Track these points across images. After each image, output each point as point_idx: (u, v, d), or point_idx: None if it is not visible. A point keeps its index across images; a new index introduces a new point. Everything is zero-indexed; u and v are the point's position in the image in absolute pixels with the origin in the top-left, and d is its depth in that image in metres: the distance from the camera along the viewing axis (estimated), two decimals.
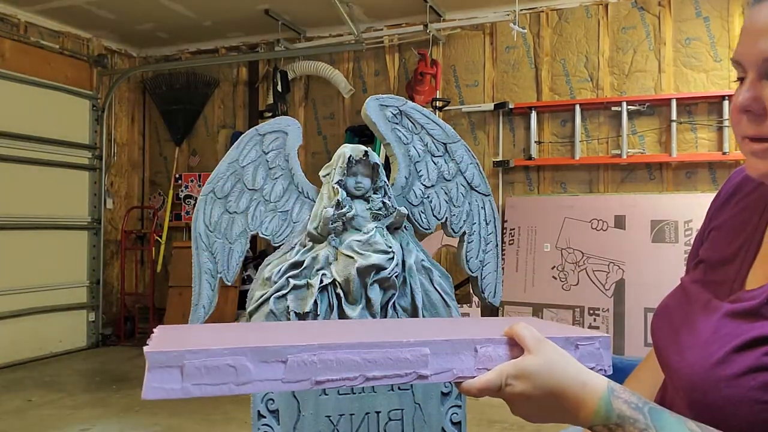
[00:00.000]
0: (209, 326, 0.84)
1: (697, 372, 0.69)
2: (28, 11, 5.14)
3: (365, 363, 0.70)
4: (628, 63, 4.65)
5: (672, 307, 0.82)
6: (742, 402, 0.64)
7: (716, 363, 0.67)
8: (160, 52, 6.24)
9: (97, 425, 3.34)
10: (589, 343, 0.78)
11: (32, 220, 5.04)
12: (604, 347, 0.80)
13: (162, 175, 6.31)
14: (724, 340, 0.69)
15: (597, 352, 0.79)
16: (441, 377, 0.72)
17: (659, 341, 0.81)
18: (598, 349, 0.79)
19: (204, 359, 0.64)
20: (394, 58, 5.36)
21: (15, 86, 4.93)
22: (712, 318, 0.73)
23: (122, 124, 6.15)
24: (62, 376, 4.46)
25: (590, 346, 0.79)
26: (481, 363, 0.73)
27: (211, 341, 0.69)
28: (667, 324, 0.80)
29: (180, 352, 0.64)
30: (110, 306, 5.89)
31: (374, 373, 0.70)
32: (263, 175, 1.48)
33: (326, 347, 0.69)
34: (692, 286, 0.82)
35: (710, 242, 0.86)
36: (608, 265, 4.32)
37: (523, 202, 4.67)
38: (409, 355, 0.71)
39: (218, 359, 0.65)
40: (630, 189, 4.60)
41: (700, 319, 0.74)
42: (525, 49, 4.93)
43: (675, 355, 0.74)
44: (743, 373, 0.65)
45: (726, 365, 0.66)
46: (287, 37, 5.53)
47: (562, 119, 4.82)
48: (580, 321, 4.30)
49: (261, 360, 0.66)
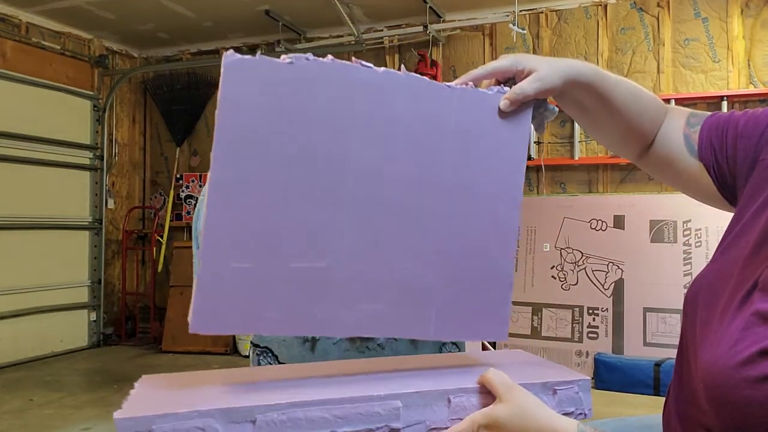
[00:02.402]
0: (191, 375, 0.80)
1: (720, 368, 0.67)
2: (29, 12, 5.15)
3: (335, 420, 0.69)
4: (627, 63, 4.67)
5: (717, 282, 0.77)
6: (763, 406, 0.63)
7: (741, 363, 0.66)
8: (161, 52, 6.25)
9: (98, 425, 3.35)
10: (568, 387, 0.78)
11: (34, 220, 5.06)
12: (583, 390, 0.79)
13: (163, 175, 6.33)
14: (751, 339, 0.67)
15: (576, 396, 0.79)
16: (413, 429, 0.72)
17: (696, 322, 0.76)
18: (577, 393, 0.79)
19: (173, 423, 0.63)
20: (394, 58, 5.37)
21: (16, 87, 4.95)
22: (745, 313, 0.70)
23: (123, 124, 6.17)
24: (63, 376, 4.47)
25: (569, 390, 0.79)
26: (454, 413, 0.72)
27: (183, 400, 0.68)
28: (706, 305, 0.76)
29: (148, 417, 0.63)
30: (111, 306, 5.90)
31: (345, 429, 0.69)
32: None
33: (295, 405, 0.68)
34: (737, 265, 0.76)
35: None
36: (607, 264, 4.33)
37: (523, 202, 4.67)
38: (380, 410, 0.70)
39: (187, 422, 0.64)
40: (629, 189, 4.62)
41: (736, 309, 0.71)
42: (525, 49, 4.94)
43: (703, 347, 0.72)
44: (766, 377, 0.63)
45: (750, 366, 0.65)
46: (287, 37, 5.54)
47: (561, 119, 4.84)
48: (580, 320, 4.31)
49: (230, 421, 0.65)
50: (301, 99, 0.72)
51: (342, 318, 0.75)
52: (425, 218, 0.78)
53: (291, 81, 0.71)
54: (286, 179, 0.71)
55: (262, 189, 0.70)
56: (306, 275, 0.73)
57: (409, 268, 0.78)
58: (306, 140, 0.72)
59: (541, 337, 4.40)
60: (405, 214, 0.77)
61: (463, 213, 0.80)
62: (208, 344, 5.08)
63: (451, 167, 0.79)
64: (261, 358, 1.37)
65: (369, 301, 0.76)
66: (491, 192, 0.82)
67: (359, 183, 0.74)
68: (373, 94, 0.75)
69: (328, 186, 0.73)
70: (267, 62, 0.70)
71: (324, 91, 0.73)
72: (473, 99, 0.80)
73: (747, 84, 4.36)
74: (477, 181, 0.81)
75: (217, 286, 0.69)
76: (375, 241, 0.76)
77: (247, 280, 0.71)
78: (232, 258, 0.70)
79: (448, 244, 0.80)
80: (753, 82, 4.36)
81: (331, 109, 0.73)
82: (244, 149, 0.69)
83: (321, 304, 0.74)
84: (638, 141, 0.94)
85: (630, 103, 0.89)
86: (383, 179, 0.76)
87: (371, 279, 0.76)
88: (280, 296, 0.72)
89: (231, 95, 0.68)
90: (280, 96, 0.71)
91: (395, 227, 0.77)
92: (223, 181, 0.68)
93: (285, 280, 0.72)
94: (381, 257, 0.76)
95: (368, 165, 0.75)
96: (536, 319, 4.45)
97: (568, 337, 4.33)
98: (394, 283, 0.77)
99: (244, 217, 0.70)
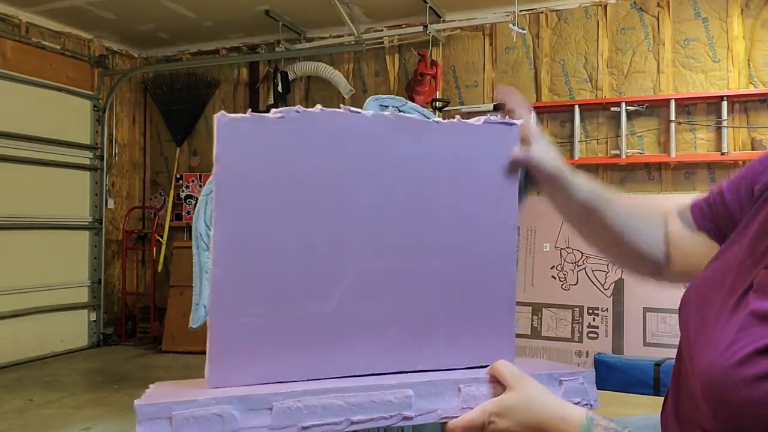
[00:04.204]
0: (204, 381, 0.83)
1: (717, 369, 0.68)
2: (29, 12, 5.15)
3: (349, 407, 0.71)
4: (627, 64, 4.67)
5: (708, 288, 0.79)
6: (761, 405, 0.63)
7: (738, 362, 0.66)
8: (161, 52, 6.25)
9: (98, 425, 3.35)
10: (573, 378, 0.81)
11: (34, 220, 5.06)
12: (588, 382, 0.82)
13: (163, 175, 6.33)
14: (748, 339, 0.67)
15: (581, 386, 0.82)
16: (425, 418, 0.73)
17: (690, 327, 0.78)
18: (582, 384, 0.82)
19: (192, 409, 0.65)
20: (394, 58, 5.37)
21: (16, 87, 4.95)
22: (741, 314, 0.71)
23: (123, 124, 6.17)
24: (63, 376, 4.47)
25: (574, 382, 0.81)
26: (465, 402, 0.74)
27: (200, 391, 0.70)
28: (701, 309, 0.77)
29: (168, 403, 0.65)
30: (111, 306, 5.90)
31: (359, 416, 0.71)
32: None
33: (310, 393, 0.70)
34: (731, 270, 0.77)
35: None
36: (607, 265, 4.33)
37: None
38: (392, 398, 0.72)
39: (205, 409, 0.66)
40: (629, 189, 4.61)
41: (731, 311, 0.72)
42: (524, 49, 4.95)
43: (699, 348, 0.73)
44: (764, 376, 0.64)
45: (747, 366, 0.65)
46: (288, 37, 5.54)
47: (561, 120, 4.84)
48: (580, 320, 4.31)
49: (247, 408, 0.67)
50: (295, 151, 0.74)
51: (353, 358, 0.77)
52: (425, 252, 0.81)
53: (283, 134, 0.73)
54: (287, 230, 0.73)
55: (265, 241, 0.72)
56: (314, 319, 0.75)
57: (413, 302, 0.80)
58: (304, 190, 0.74)
59: (541, 337, 4.40)
60: (405, 251, 0.79)
61: (462, 243, 0.82)
62: None
63: (447, 199, 0.81)
64: None
65: (378, 338, 0.78)
66: (487, 219, 0.84)
67: (359, 225, 0.76)
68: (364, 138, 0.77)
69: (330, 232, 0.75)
70: (258, 119, 0.72)
71: (317, 141, 0.74)
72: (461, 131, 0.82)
73: (747, 84, 4.36)
74: (472, 210, 0.83)
75: (229, 341, 0.72)
76: (378, 279, 0.78)
77: (258, 332, 0.73)
78: (242, 312, 0.72)
79: (450, 275, 0.82)
80: (753, 82, 4.36)
81: (326, 158, 0.75)
82: (244, 205, 0.71)
83: (332, 347, 0.76)
84: (641, 259, 0.93)
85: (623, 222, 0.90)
86: (382, 219, 0.78)
87: (378, 317, 0.78)
88: (292, 343, 0.74)
89: (226, 155, 0.70)
90: (274, 150, 0.72)
91: (397, 264, 0.79)
92: (226, 239, 0.70)
93: (295, 327, 0.74)
94: (386, 295, 0.79)
95: (366, 206, 0.77)
96: (536, 319, 4.45)
97: (568, 337, 4.33)
98: (400, 319, 0.79)
99: (250, 271, 0.72)
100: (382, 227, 0.78)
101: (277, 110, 0.72)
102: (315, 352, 0.76)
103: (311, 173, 0.74)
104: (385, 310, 0.79)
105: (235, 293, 0.72)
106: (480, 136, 0.83)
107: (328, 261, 0.75)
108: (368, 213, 0.77)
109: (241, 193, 0.71)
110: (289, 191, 0.73)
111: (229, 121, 0.70)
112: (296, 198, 0.73)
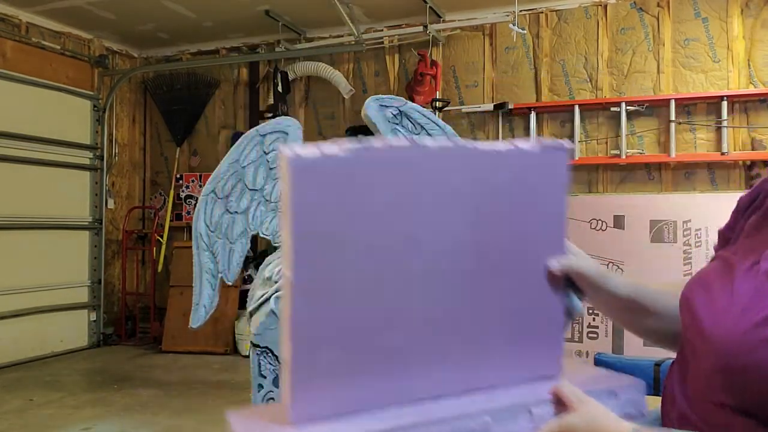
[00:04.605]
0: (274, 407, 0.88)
1: (734, 334, 0.69)
2: (29, 12, 5.15)
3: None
4: (627, 64, 4.67)
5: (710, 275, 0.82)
6: None
7: (755, 325, 0.68)
8: (161, 52, 6.25)
9: (98, 425, 3.35)
10: (629, 392, 0.88)
11: (34, 220, 5.06)
12: (640, 392, 0.90)
13: (163, 175, 6.33)
14: (765, 302, 0.69)
15: (635, 398, 0.88)
16: None
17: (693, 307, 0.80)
18: (635, 395, 0.89)
19: None
20: (394, 58, 5.37)
21: (16, 87, 4.95)
22: (755, 280, 0.73)
23: (123, 124, 6.17)
24: (63, 376, 4.47)
25: (629, 393, 0.88)
26: (536, 423, 0.80)
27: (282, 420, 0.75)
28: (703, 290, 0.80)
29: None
30: (111, 306, 5.90)
31: None
32: (264, 176, 1.50)
33: (401, 428, 0.74)
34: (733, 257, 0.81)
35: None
36: (607, 264, 4.33)
37: None
38: (474, 425, 0.78)
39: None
40: (629, 189, 4.61)
41: (741, 281, 0.74)
42: (524, 49, 4.95)
43: (709, 320, 0.75)
44: None
45: (764, 328, 0.67)
46: (288, 37, 5.54)
47: (561, 120, 4.84)
48: (580, 320, 4.31)
49: None
50: (364, 187, 0.75)
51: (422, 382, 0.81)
52: (485, 276, 0.84)
53: (351, 170, 0.74)
54: (360, 266, 0.75)
55: (340, 280, 0.75)
56: (387, 349, 0.79)
57: (475, 325, 0.85)
58: (374, 225, 0.76)
59: None
60: (467, 277, 0.83)
61: (517, 267, 0.86)
62: (208, 344, 5.08)
63: (505, 223, 0.85)
64: (261, 358, 1.38)
65: (443, 362, 0.83)
66: (541, 240, 0.88)
67: (424, 256, 0.79)
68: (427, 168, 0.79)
69: (398, 265, 0.78)
70: (326, 156, 0.72)
71: (382, 175, 0.76)
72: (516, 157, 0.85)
73: (747, 84, 4.36)
74: (528, 232, 0.87)
75: (310, 376, 0.75)
76: (443, 307, 0.82)
77: (335, 366, 0.76)
78: (320, 348, 0.75)
79: (508, 297, 0.86)
80: (753, 82, 4.36)
81: (391, 190, 0.76)
82: (319, 247, 0.72)
83: (402, 374, 0.80)
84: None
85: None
86: (445, 247, 0.81)
87: (443, 342, 0.82)
88: (365, 373, 0.78)
89: (301, 198, 0.71)
90: (344, 188, 0.74)
91: (460, 290, 0.83)
92: (304, 282, 0.72)
93: (369, 358, 0.78)
94: (450, 320, 0.83)
95: (430, 237, 0.80)
96: None
97: (568, 337, 4.32)
98: (463, 342, 0.84)
99: (327, 308, 0.74)
100: (444, 256, 0.80)
101: (343, 145, 0.73)
102: (387, 380, 0.79)
103: (378, 207, 0.76)
104: (449, 335, 0.83)
105: (313, 332, 0.74)
106: (533, 160, 0.86)
107: (396, 294, 0.78)
108: (432, 243, 0.80)
109: (316, 235, 0.73)
110: (360, 228, 0.75)
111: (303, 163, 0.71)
112: (367, 234, 0.75)
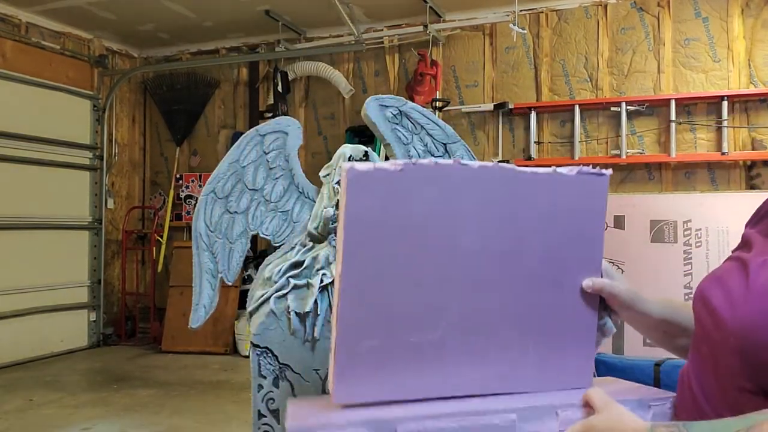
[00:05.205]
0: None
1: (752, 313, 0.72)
2: (29, 12, 5.15)
3: (462, 429, 0.81)
4: (628, 63, 4.67)
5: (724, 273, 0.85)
6: None
7: None
8: (160, 52, 6.25)
9: (98, 425, 3.35)
10: (661, 404, 0.89)
11: (34, 220, 5.06)
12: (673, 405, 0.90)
13: (163, 175, 6.33)
14: None
15: (669, 411, 0.89)
16: None
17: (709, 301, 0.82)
18: (669, 408, 0.89)
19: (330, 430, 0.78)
20: (394, 58, 5.37)
21: (16, 87, 4.95)
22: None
23: (123, 124, 6.16)
24: (63, 376, 4.47)
25: (663, 407, 0.89)
26: (562, 425, 0.83)
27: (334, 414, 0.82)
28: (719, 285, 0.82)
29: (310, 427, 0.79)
30: (111, 306, 5.90)
31: None
32: (264, 176, 1.50)
33: (430, 417, 0.80)
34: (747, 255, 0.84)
35: None
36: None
37: None
38: (498, 421, 0.82)
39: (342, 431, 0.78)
40: (629, 189, 4.61)
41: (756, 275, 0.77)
42: (524, 49, 4.94)
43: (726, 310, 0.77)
44: None
45: None
46: (287, 37, 5.54)
47: (561, 119, 4.83)
48: None
49: (376, 430, 0.78)
50: (410, 198, 0.83)
51: (456, 380, 0.88)
52: (520, 289, 0.90)
53: (401, 184, 0.82)
54: (403, 268, 0.84)
55: (384, 279, 0.83)
56: (422, 346, 0.86)
57: (508, 332, 0.90)
58: (417, 234, 0.84)
59: None
60: (502, 287, 0.89)
61: (552, 281, 0.92)
62: (208, 344, 5.07)
63: (542, 242, 0.90)
64: (261, 358, 1.37)
65: (476, 363, 0.89)
66: (576, 259, 0.93)
67: (464, 264, 0.86)
68: (470, 187, 0.87)
69: (439, 270, 0.85)
70: (383, 172, 0.80)
71: (429, 190, 0.84)
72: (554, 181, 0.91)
73: (747, 84, 4.36)
74: (564, 250, 0.92)
75: (351, 363, 0.83)
76: (478, 312, 0.88)
77: (375, 355, 0.84)
78: (362, 338, 0.83)
79: (541, 309, 0.91)
80: (753, 81, 4.36)
81: (436, 204, 0.84)
82: (368, 250, 0.81)
83: (436, 370, 0.87)
84: None
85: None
86: (483, 258, 0.87)
87: (477, 344, 0.89)
88: (402, 366, 0.85)
89: (355, 207, 0.80)
90: (392, 197, 0.82)
91: (494, 299, 0.89)
92: (353, 278, 0.81)
93: (405, 352, 0.85)
94: (484, 325, 0.89)
95: (470, 247, 0.87)
96: None
97: None
98: (496, 347, 0.89)
99: (371, 303, 0.83)
100: (482, 267, 0.88)
101: (397, 163, 0.82)
102: (422, 374, 0.86)
103: (423, 219, 0.84)
104: (483, 339, 0.89)
105: (358, 322, 0.82)
106: (572, 185, 0.92)
107: (435, 297, 0.86)
108: (470, 255, 0.87)
109: (366, 239, 0.81)
110: (404, 235, 0.83)
111: (359, 174, 0.79)
112: (410, 241, 0.83)
